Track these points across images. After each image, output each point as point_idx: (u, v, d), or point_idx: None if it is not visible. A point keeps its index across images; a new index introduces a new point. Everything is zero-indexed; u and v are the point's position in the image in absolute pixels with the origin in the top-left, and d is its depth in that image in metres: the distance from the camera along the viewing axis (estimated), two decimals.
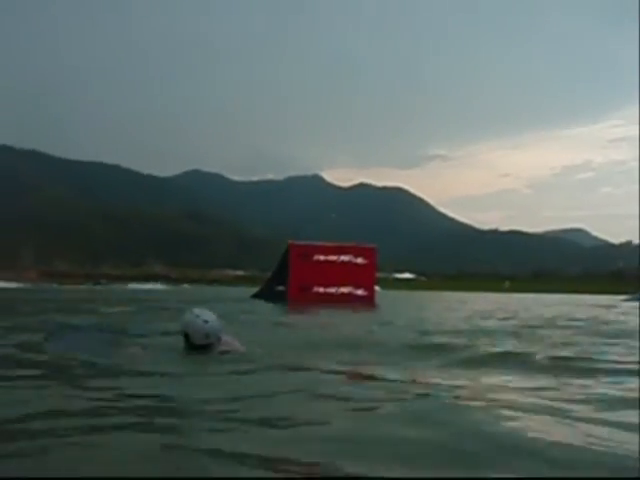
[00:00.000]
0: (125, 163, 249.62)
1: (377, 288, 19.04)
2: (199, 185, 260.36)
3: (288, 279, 16.35)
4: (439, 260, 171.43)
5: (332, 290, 16.43)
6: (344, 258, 16.91)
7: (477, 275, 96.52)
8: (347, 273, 16.69)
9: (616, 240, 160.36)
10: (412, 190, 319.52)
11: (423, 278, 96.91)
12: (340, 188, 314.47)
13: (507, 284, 61.99)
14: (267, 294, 18.42)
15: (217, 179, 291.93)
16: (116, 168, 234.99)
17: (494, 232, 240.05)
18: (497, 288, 53.20)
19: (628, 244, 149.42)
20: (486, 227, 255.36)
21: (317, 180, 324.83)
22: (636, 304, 21.37)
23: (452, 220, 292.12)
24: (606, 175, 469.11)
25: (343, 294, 16.55)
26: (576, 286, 51.18)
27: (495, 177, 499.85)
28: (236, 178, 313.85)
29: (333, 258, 16.76)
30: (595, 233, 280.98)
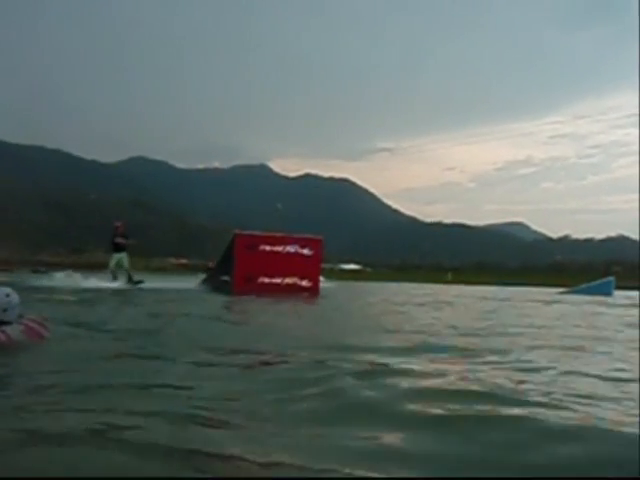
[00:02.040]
0: (67, 148, 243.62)
1: (322, 279, 19.08)
2: (144, 172, 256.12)
3: (233, 269, 16.21)
4: (384, 251, 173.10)
5: (277, 280, 16.39)
6: (290, 249, 16.86)
7: (421, 266, 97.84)
8: (293, 264, 16.67)
9: (555, 234, 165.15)
10: (358, 182, 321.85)
11: (369, 269, 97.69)
12: (287, 178, 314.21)
13: (450, 276, 63.05)
14: (211, 283, 18.28)
15: (162, 166, 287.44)
16: (57, 153, 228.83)
17: (438, 225, 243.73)
18: (440, 279, 54.00)
19: (566, 238, 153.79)
20: (430, 219, 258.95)
21: (264, 170, 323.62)
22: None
23: (397, 212, 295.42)
24: (546, 171, 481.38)
25: (288, 285, 16.55)
26: (516, 278, 52.39)
27: (440, 170, 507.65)
28: (181, 166, 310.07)
29: (279, 249, 16.69)
30: (535, 227, 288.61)
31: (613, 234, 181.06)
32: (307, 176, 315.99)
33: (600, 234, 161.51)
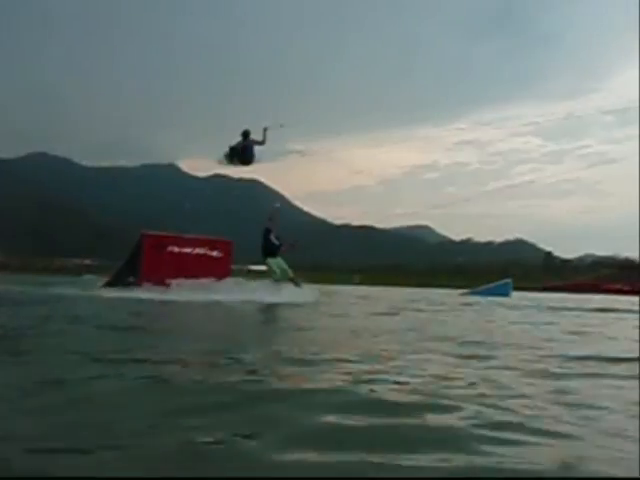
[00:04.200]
0: None
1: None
2: (45, 169, 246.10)
3: (139, 270, 15.89)
4: (294, 253, 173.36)
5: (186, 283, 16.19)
6: (199, 251, 16.73)
7: (330, 268, 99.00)
8: (202, 266, 16.52)
9: (457, 237, 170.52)
10: (268, 183, 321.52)
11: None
12: (196, 178, 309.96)
13: (357, 278, 64.08)
14: (117, 285, 17.84)
15: (65, 164, 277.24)
16: None
17: (347, 227, 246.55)
18: (348, 281, 54.83)
19: (468, 241, 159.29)
20: (339, 222, 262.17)
21: (172, 169, 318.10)
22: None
23: (307, 214, 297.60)
24: (450, 176, 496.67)
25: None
26: (422, 280, 53.92)
27: (349, 174, 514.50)
28: (85, 163, 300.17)
29: (188, 250, 16.53)
30: (440, 230, 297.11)
31: (511, 238, 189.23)
32: (216, 176, 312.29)
33: (500, 238, 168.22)
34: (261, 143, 16.77)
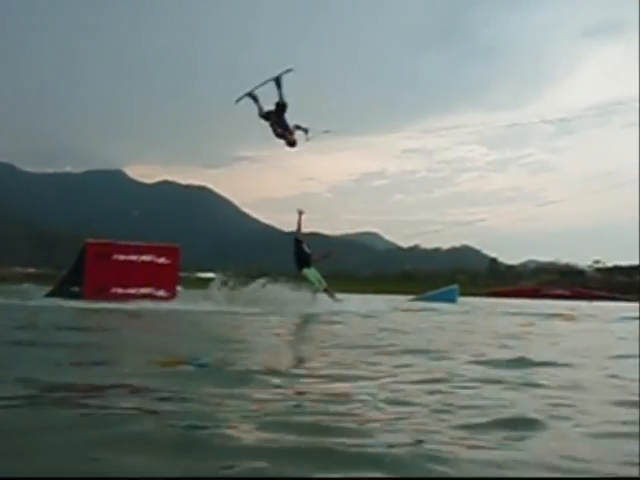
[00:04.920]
0: None
1: (179, 288, 18.82)
2: None
3: (83, 279, 15.60)
4: (242, 260, 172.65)
5: (132, 291, 15.94)
6: (145, 258, 16.51)
7: (280, 275, 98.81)
8: (148, 273, 16.31)
9: (405, 244, 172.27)
10: (217, 190, 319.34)
11: (223, 277, 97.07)
12: (143, 185, 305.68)
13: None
14: (61, 294, 17.44)
15: (7, 169, 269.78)
16: None
17: (295, 234, 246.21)
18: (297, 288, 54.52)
19: (416, 248, 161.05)
20: (289, 229, 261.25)
21: (119, 175, 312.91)
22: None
23: (256, 221, 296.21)
24: (398, 183, 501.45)
25: (144, 295, 16.05)
26: (370, 287, 54.29)
27: (299, 180, 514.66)
28: (29, 169, 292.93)
29: (134, 258, 16.30)
30: (387, 237, 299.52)
31: (458, 245, 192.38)
32: (165, 183, 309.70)
33: (446, 244, 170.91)
34: (305, 130, 16.51)
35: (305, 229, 17.98)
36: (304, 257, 16.73)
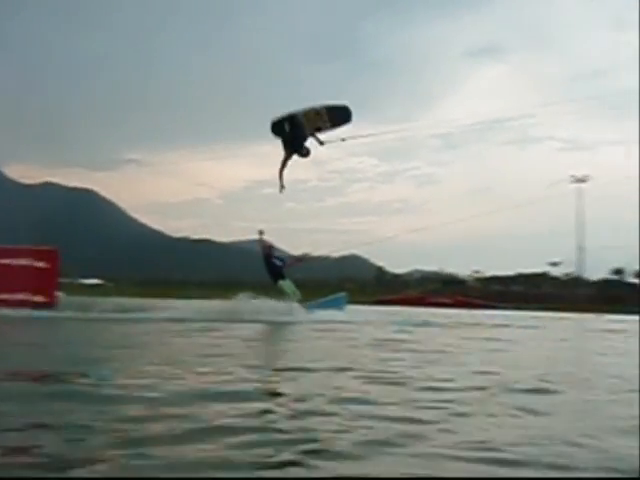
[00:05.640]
0: None
1: (59, 294, 17.91)
2: None
3: None
4: (129, 266, 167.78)
5: (6, 297, 15.02)
6: (22, 262, 15.63)
7: (168, 282, 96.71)
8: (25, 278, 15.44)
9: (295, 252, 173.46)
10: (103, 193, 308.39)
11: (111, 284, 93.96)
12: (24, 185, 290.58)
13: (194, 292, 63.18)
14: None
15: None
16: None
17: (185, 240, 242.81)
18: (185, 295, 53.73)
19: (306, 256, 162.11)
20: (178, 234, 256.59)
21: None
22: None
23: (144, 226, 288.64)
24: (290, 191, 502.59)
25: (19, 301, 15.16)
26: (259, 293, 54.09)
27: (190, 186, 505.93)
28: None
29: (8, 261, 15.40)
30: (278, 244, 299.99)
31: (347, 253, 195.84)
32: (47, 185, 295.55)
33: (336, 253, 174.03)
34: (321, 143, 16.28)
35: (195, 235, 17.83)
36: (276, 270, 17.09)
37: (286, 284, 16.98)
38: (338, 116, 16.56)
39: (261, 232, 17.52)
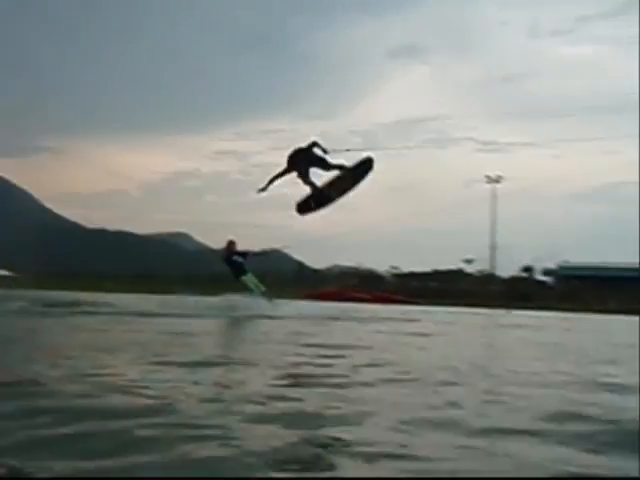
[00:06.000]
0: None
1: None
2: None
3: None
4: (42, 257, 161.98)
5: None
6: None
7: (81, 274, 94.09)
8: None
9: (216, 246, 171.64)
10: (14, 181, 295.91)
11: (21, 276, 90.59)
12: None
13: (108, 284, 61.73)
14: None
15: None
16: None
17: (102, 231, 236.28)
18: (99, 288, 52.56)
19: (266, 250, 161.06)
20: (94, 226, 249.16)
21: None
22: None
23: (58, 217, 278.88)
24: (211, 184, 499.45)
25: None
26: (177, 287, 53.40)
27: (107, 176, 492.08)
28: None
29: None
30: (198, 238, 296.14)
31: (267, 247, 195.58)
32: None
33: (256, 247, 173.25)
34: (325, 152, 15.28)
35: (113, 227, 17.66)
36: (237, 266, 17.31)
37: (249, 279, 17.21)
38: (362, 171, 15.71)
39: (231, 242, 17.79)
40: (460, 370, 5.15)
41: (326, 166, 15.13)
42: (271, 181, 15.34)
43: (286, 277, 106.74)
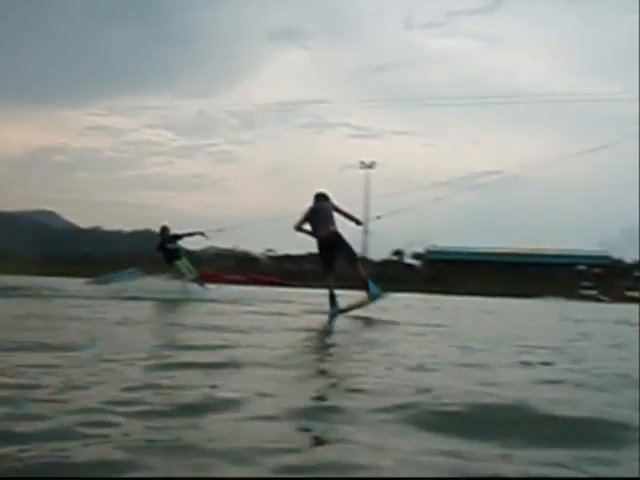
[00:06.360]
0: None
1: None
2: None
3: None
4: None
5: None
6: None
7: None
8: None
9: (85, 225, 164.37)
10: None
11: None
12: None
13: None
14: None
15: None
16: None
17: None
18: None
19: (96, 229, 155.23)
20: None
21: None
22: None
23: None
24: (81, 161, 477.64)
25: None
26: (41, 269, 50.96)
27: None
28: None
29: None
30: (66, 217, 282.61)
31: (140, 228, 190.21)
32: None
33: (128, 227, 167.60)
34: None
35: None
36: (171, 252, 17.00)
37: (182, 263, 17.02)
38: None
39: (164, 228, 17.31)
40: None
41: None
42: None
43: (159, 258, 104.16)
